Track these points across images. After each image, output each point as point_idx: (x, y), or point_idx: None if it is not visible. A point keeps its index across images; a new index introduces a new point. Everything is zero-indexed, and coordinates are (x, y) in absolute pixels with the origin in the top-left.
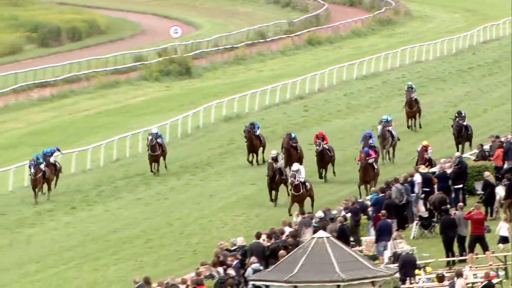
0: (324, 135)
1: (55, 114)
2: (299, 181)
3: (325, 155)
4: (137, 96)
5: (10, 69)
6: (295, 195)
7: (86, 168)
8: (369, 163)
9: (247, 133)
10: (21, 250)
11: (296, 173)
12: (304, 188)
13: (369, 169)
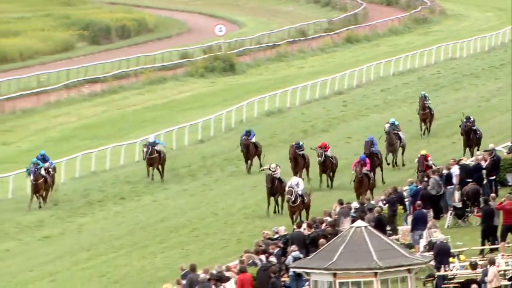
0: (326, 145)
1: (105, 108)
2: (297, 194)
3: (328, 163)
4: (183, 92)
5: (63, 66)
6: (291, 206)
7: (134, 160)
8: (365, 173)
9: (243, 144)
10: (73, 239)
11: (293, 189)
12: (302, 201)
13: (364, 180)
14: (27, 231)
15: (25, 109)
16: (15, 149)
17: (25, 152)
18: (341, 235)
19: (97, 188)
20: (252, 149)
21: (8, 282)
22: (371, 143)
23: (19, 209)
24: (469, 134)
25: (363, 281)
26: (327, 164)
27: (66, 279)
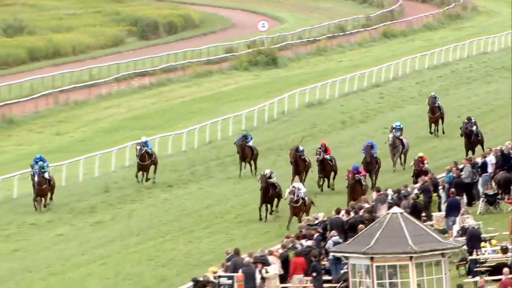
0: (326, 146)
1: (153, 100)
2: (299, 197)
3: (326, 164)
4: (228, 84)
5: (113, 60)
6: (294, 207)
7: (181, 149)
8: (357, 180)
9: (239, 145)
10: (123, 224)
11: (295, 190)
12: (303, 202)
13: (357, 187)
14: (80, 216)
15: (77, 101)
16: (69, 139)
17: (78, 142)
18: (378, 221)
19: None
20: (248, 152)
21: (62, 265)
22: (371, 147)
23: (72, 195)
24: (470, 136)
25: (398, 264)
26: (326, 166)
27: (116, 262)
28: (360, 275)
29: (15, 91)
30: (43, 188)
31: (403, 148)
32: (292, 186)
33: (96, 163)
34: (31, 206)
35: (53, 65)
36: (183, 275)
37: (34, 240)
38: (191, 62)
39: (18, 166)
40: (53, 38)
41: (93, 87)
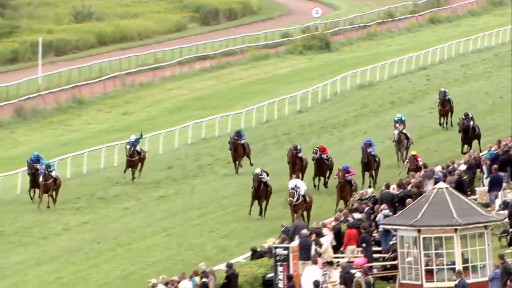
0: (324, 148)
1: (214, 82)
2: (299, 195)
3: (322, 164)
4: (284, 67)
5: (176, 44)
6: (294, 205)
7: (240, 128)
8: (347, 180)
9: (232, 142)
10: (186, 198)
11: (294, 191)
12: (303, 200)
13: (347, 186)
14: (145, 191)
15: (142, 83)
16: (135, 118)
17: (144, 121)
18: (425, 195)
19: (207, 153)
20: (240, 150)
21: (128, 236)
22: (369, 145)
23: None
24: (467, 132)
25: (444, 236)
26: (322, 165)
27: (179, 234)
28: (408, 246)
29: (84, 73)
30: (48, 184)
31: (407, 142)
32: (292, 188)
33: (160, 141)
34: (101, 180)
35: (120, 49)
36: (243, 245)
37: (102, 213)
38: (249, 46)
39: (87, 143)
40: (120, 24)
41: (158, 70)
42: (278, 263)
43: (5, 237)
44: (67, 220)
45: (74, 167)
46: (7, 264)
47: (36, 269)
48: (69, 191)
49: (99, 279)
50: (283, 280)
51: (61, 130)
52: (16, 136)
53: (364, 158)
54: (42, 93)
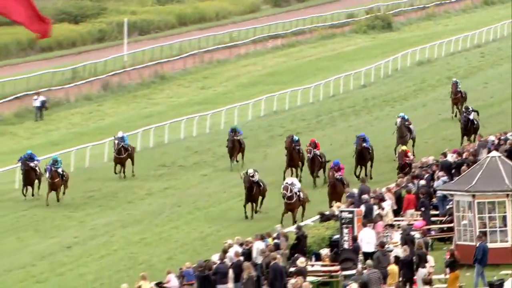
0: (316, 143)
1: (284, 59)
2: (293, 192)
3: (315, 160)
4: (349, 46)
5: (250, 24)
6: (287, 203)
7: (309, 101)
8: (338, 178)
9: (230, 139)
10: (258, 165)
11: (289, 186)
12: (298, 198)
13: (338, 186)
14: (221, 159)
15: (219, 60)
16: (212, 92)
17: (220, 95)
18: (479, 163)
19: (278, 125)
20: (236, 146)
21: (205, 201)
22: (363, 139)
23: (214, 141)
24: (467, 124)
25: (497, 201)
26: (315, 161)
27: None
28: (463, 210)
29: (166, 51)
30: (56, 182)
31: (410, 135)
32: (286, 182)
33: (235, 113)
34: (181, 149)
35: (199, 29)
36: (311, 210)
37: (182, 179)
38: (317, 26)
39: (169, 115)
40: (199, 5)
41: (233, 48)
42: (343, 226)
43: (94, 201)
44: (150, 186)
45: (156, 137)
46: (96, 226)
47: (122, 231)
48: (152, 159)
49: (179, 240)
50: (348, 241)
51: (145, 103)
52: (103, 109)
53: (358, 146)
54: (127, 69)
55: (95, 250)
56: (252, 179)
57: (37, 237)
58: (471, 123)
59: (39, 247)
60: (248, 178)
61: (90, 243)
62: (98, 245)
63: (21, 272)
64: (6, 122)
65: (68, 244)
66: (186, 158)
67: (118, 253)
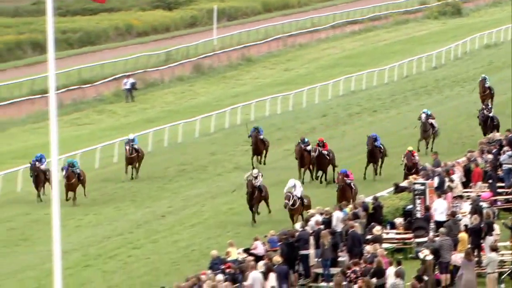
0: (324, 142)
1: (362, 43)
2: (295, 197)
3: (322, 159)
4: (421, 30)
5: (330, 11)
6: (291, 209)
7: (384, 82)
8: (347, 183)
9: (253, 137)
10: (338, 141)
11: (290, 194)
12: (301, 203)
13: (347, 190)
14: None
15: (301, 44)
16: (295, 73)
17: (302, 76)
18: None
19: (355, 104)
20: (260, 145)
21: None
22: (374, 139)
23: (297, 118)
24: (486, 122)
25: None
26: (322, 160)
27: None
28: None
29: (252, 36)
30: (72, 183)
31: (433, 130)
32: (287, 190)
33: (316, 93)
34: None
35: (283, 15)
36: (387, 181)
37: (268, 154)
38: (392, 12)
39: (255, 95)
40: None
41: (314, 33)
42: (416, 196)
43: (187, 174)
44: (237, 160)
45: (243, 114)
46: (188, 196)
47: (212, 201)
48: (239, 135)
49: (263, 210)
50: (420, 210)
51: (233, 83)
52: (195, 89)
53: (369, 146)
54: (216, 53)
55: (187, 219)
56: (255, 181)
57: (133, 207)
58: (490, 120)
59: (136, 216)
60: (250, 183)
61: (182, 213)
62: (190, 214)
63: (119, 238)
64: (105, 101)
65: (162, 213)
66: (270, 134)
67: (208, 222)
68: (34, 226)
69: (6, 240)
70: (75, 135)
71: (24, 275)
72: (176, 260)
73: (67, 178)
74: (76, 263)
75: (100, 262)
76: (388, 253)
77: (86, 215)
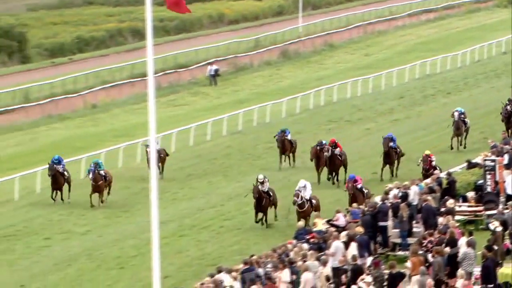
0: (336, 142)
1: (436, 30)
2: (304, 199)
3: (335, 159)
4: (492, 18)
5: (406, 0)
6: (299, 212)
7: (457, 66)
8: (358, 188)
9: (279, 139)
10: (413, 121)
11: (300, 192)
12: (310, 204)
13: (358, 196)
14: (381, 116)
15: (380, 31)
16: (374, 58)
17: (380, 61)
18: None
19: (430, 86)
20: (287, 145)
21: (371, 149)
22: (390, 139)
23: (376, 100)
24: (508, 117)
25: None
26: (334, 161)
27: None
28: None
29: (334, 23)
30: (99, 184)
31: (465, 127)
32: (298, 186)
33: (394, 76)
34: (347, 107)
35: (363, 4)
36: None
37: (348, 133)
38: (464, 1)
39: (337, 78)
40: None
41: (392, 21)
42: (486, 172)
43: (274, 151)
44: (322, 138)
45: (326, 96)
46: (275, 172)
47: (297, 176)
48: (322, 115)
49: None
50: (491, 185)
51: (317, 67)
52: (281, 73)
53: (385, 148)
54: (302, 39)
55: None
56: (261, 187)
57: (225, 182)
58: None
59: (227, 190)
60: (257, 189)
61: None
62: (277, 189)
63: (212, 211)
64: (199, 84)
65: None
66: (351, 115)
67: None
68: (134, 199)
69: (109, 212)
70: (171, 115)
71: (124, 243)
72: (264, 230)
73: (94, 179)
74: (172, 233)
75: (194, 232)
76: (460, 224)
77: (181, 189)
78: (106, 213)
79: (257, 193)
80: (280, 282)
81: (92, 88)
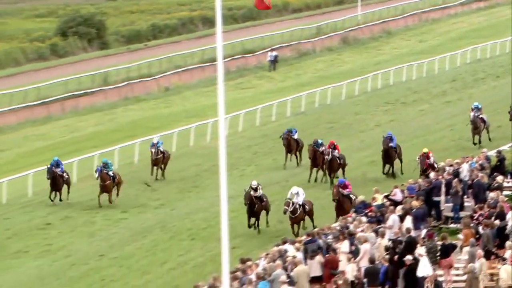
0: (335, 145)
1: (486, 18)
2: (296, 205)
3: (334, 162)
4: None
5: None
6: (291, 217)
7: (505, 51)
8: (345, 195)
9: (285, 139)
10: (440, 113)
11: (290, 201)
12: (302, 210)
13: (345, 203)
14: (436, 98)
15: (434, 19)
16: (428, 44)
17: (434, 47)
18: None
19: (481, 70)
20: (293, 144)
21: (424, 130)
22: (389, 139)
23: (430, 83)
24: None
25: None
26: (334, 164)
27: (429, 138)
28: None
29: (391, 12)
30: (106, 184)
31: (484, 125)
32: (290, 193)
33: (446, 61)
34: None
35: None
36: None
37: (403, 114)
38: None
39: (393, 63)
40: None
41: (445, 9)
42: None
43: (334, 131)
44: (378, 119)
45: (383, 80)
46: None
47: (356, 154)
48: (379, 97)
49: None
50: None
51: (374, 53)
52: (342, 58)
53: (384, 146)
54: (361, 27)
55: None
56: (254, 194)
57: (289, 159)
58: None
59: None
60: (249, 195)
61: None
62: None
63: (277, 186)
64: (265, 69)
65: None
66: (407, 97)
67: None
68: (204, 175)
69: (180, 187)
70: (239, 97)
71: (195, 216)
72: (325, 204)
73: (101, 179)
74: (240, 207)
75: None
76: (508, 199)
77: (248, 166)
78: (178, 188)
79: (249, 199)
80: (340, 252)
81: (165, 72)
